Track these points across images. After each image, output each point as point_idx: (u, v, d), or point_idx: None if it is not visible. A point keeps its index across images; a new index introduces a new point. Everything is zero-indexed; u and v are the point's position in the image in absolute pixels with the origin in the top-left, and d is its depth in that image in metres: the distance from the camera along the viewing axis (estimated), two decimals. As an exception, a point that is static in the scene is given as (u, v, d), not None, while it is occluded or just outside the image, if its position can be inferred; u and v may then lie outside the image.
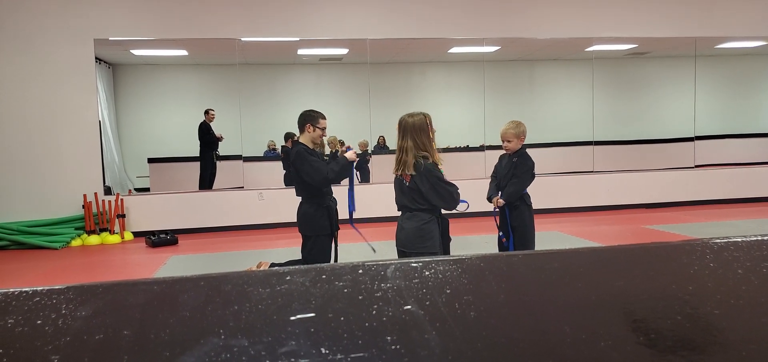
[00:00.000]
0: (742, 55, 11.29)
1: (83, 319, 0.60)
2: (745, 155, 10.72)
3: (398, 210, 3.61)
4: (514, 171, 4.17)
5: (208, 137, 9.23)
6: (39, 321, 0.60)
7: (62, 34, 7.80)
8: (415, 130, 3.40)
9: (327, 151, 4.62)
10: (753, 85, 11.87)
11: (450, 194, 3.42)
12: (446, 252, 3.66)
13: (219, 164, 9.43)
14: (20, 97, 7.76)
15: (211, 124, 9.25)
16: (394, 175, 3.59)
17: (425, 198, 3.41)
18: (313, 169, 4.18)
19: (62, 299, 0.64)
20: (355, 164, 4.40)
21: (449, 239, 3.66)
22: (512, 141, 4.19)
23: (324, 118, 4.38)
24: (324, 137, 4.48)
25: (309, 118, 4.32)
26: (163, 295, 0.67)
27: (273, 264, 4.84)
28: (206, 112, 9.21)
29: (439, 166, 3.45)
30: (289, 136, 9.48)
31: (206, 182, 9.25)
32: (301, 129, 4.36)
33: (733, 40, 9.89)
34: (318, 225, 4.33)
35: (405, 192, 3.48)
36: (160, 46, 8.70)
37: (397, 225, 3.59)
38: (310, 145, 4.32)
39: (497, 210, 4.27)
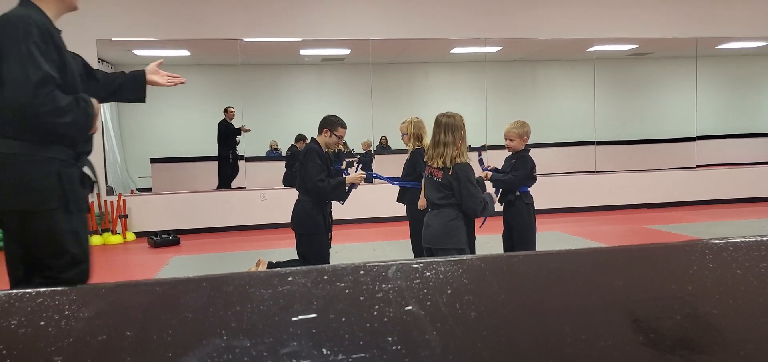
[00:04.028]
0: (743, 55, 11.27)
1: (86, 320, 0.61)
2: (747, 155, 10.70)
3: (427, 207, 3.64)
4: (512, 169, 4.22)
5: (229, 133, 9.16)
6: (42, 323, 0.60)
7: (64, 35, 7.74)
8: (456, 128, 3.45)
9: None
10: (754, 85, 11.86)
11: (477, 200, 3.42)
12: (472, 250, 3.69)
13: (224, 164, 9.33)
14: (23, 97, 7.77)
15: (232, 121, 9.22)
16: (424, 173, 3.62)
17: (455, 195, 3.45)
18: (313, 170, 4.27)
19: (65, 300, 0.64)
20: (351, 188, 4.49)
21: (474, 237, 3.69)
22: (514, 140, 4.23)
23: (344, 127, 4.48)
24: (340, 146, 4.57)
25: (328, 123, 4.44)
26: (166, 296, 0.67)
27: (271, 264, 4.88)
28: (225, 111, 9.21)
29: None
30: (300, 138, 9.47)
31: (226, 183, 9.19)
32: (320, 130, 4.47)
33: (735, 40, 9.87)
34: (313, 223, 4.40)
35: (435, 189, 3.49)
36: (162, 47, 8.71)
37: (424, 222, 3.61)
38: (324, 148, 4.42)
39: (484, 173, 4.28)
